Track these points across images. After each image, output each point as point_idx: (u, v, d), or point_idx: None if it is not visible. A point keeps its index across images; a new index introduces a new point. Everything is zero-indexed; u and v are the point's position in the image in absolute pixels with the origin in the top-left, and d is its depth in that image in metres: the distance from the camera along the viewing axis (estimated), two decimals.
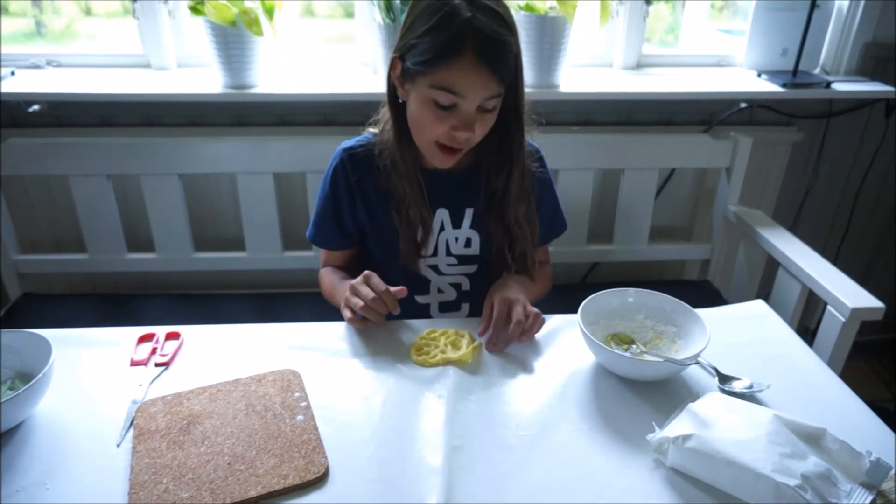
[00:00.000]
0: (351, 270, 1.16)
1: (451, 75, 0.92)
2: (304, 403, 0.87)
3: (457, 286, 1.18)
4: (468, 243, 1.15)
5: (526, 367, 0.96)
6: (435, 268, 1.16)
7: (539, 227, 1.15)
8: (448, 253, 1.15)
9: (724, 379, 0.92)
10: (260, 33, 1.46)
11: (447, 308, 1.20)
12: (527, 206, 1.10)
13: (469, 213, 1.12)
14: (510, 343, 0.99)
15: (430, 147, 1.01)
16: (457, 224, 1.13)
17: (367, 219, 1.13)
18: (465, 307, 1.20)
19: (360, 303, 0.97)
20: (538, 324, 1.00)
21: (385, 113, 1.07)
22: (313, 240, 1.18)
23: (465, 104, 0.94)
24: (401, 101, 1.01)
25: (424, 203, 1.08)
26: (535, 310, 1.01)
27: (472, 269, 1.17)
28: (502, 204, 1.09)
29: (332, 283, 1.15)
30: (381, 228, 1.12)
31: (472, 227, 1.13)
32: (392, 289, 0.97)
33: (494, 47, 0.91)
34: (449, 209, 1.12)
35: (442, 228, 1.13)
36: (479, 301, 1.08)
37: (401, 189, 1.06)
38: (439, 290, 1.18)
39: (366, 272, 1.00)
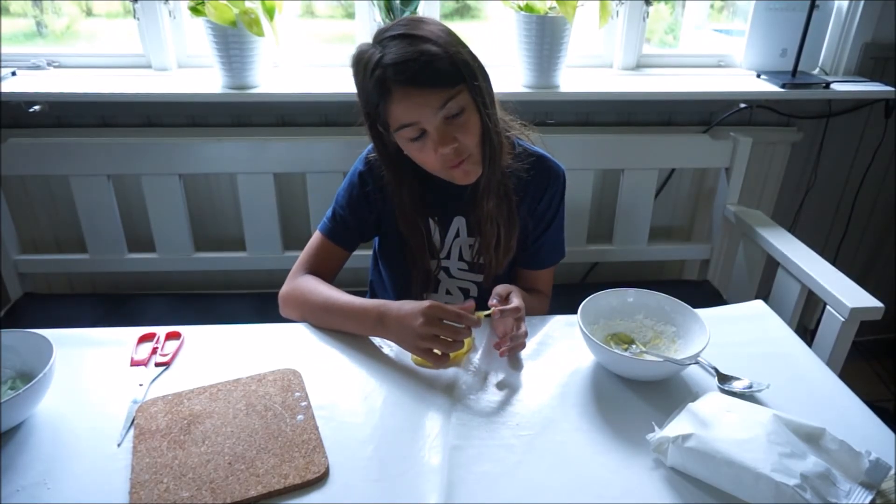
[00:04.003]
0: (333, 277, 1.16)
1: (396, 113, 0.96)
2: (304, 403, 0.87)
3: (465, 291, 1.20)
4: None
5: (526, 367, 0.97)
6: (447, 270, 1.18)
7: (542, 251, 1.18)
8: (460, 258, 1.17)
9: (724, 379, 0.92)
10: (260, 34, 1.46)
11: None
12: (497, 203, 1.08)
13: None
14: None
15: (442, 172, 1.02)
16: (472, 233, 1.14)
17: (391, 218, 1.13)
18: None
19: (450, 339, 0.92)
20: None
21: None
22: (328, 232, 1.15)
23: (427, 125, 0.95)
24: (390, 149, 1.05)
25: (417, 213, 1.10)
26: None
27: (480, 277, 1.18)
28: (476, 197, 1.08)
29: (331, 298, 1.05)
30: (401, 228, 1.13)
31: None
32: (461, 307, 0.94)
33: (412, 66, 0.91)
34: (466, 218, 1.13)
35: (457, 235, 1.15)
36: (484, 309, 1.07)
37: (400, 199, 1.09)
38: (447, 292, 1.20)
39: (428, 306, 0.92)
